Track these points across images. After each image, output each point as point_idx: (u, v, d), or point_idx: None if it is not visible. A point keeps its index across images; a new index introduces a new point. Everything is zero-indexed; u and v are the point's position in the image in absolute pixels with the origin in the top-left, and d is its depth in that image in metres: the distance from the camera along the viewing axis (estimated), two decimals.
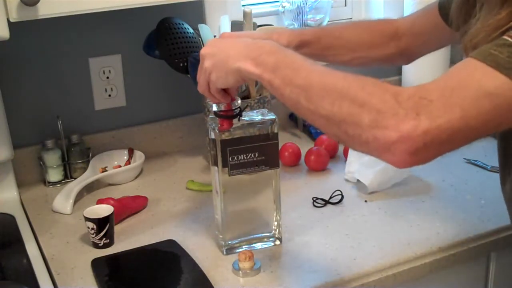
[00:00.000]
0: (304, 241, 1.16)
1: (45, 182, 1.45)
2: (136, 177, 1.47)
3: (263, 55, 0.88)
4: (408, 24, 1.19)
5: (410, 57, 1.23)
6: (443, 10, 1.11)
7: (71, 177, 1.46)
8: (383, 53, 1.19)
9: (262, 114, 1.08)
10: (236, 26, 1.38)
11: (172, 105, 1.60)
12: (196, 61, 1.33)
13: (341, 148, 1.52)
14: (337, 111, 0.78)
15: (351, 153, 1.40)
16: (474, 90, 0.74)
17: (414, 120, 0.72)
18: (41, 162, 1.43)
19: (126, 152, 1.51)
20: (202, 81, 0.98)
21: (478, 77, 0.74)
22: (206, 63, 0.95)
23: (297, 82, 0.83)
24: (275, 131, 1.07)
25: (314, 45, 1.13)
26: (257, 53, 0.89)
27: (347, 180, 1.39)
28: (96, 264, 1.11)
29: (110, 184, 1.43)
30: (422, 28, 1.17)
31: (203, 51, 0.97)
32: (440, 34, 1.13)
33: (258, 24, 1.41)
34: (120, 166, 1.47)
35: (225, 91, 0.99)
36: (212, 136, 1.07)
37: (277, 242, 1.14)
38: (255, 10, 1.44)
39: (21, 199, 1.38)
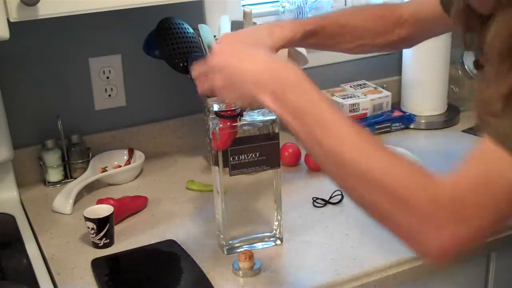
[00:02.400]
0: (304, 241, 1.16)
1: (45, 182, 1.45)
2: (136, 177, 1.47)
3: (285, 92, 0.81)
4: (411, 11, 1.17)
5: (412, 42, 1.22)
6: (444, 4, 1.09)
7: (71, 177, 1.46)
8: (387, 40, 1.17)
9: (263, 114, 1.08)
10: (236, 26, 1.38)
11: (172, 105, 1.60)
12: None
13: None
14: (370, 201, 0.76)
15: None
16: (502, 185, 0.71)
17: (451, 230, 0.72)
18: (41, 162, 1.43)
19: (126, 152, 1.50)
20: (207, 88, 0.91)
21: (503, 169, 0.71)
22: (217, 80, 0.87)
23: (325, 144, 0.77)
24: (276, 131, 1.07)
25: (319, 34, 1.11)
26: (278, 87, 0.81)
27: None
28: (96, 264, 1.11)
29: (110, 184, 1.43)
30: (425, 15, 1.15)
31: (212, 61, 0.88)
32: (442, 22, 1.11)
33: (258, 24, 1.41)
34: (120, 166, 1.47)
35: None
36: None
37: (278, 242, 1.14)
38: (255, 10, 1.44)
39: (21, 199, 1.38)
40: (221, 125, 1.04)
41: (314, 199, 1.30)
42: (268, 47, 1.02)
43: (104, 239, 1.15)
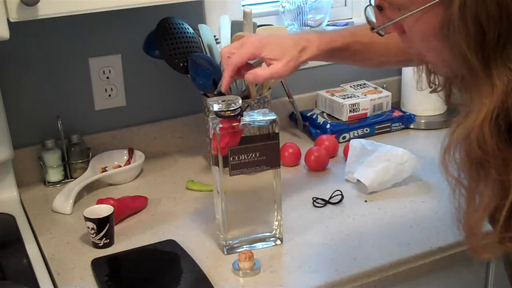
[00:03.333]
0: (304, 241, 1.16)
1: (45, 182, 1.45)
2: (136, 177, 1.47)
3: None
4: None
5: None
6: None
7: (71, 177, 1.46)
8: (407, 56, 1.15)
9: (263, 114, 1.08)
10: (236, 26, 1.38)
11: (172, 105, 1.60)
12: (196, 63, 1.33)
13: (341, 148, 1.52)
14: None
15: (351, 153, 1.40)
16: None
17: None
18: (41, 162, 1.43)
19: (126, 152, 1.50)
20: None
21: None
22: None
23: None
24: (276, 131, 1.07)
25: (344, 52, 1.10)
26: None
27: (347, 180, 1.39)
28: (96, 264, 1.11)
29: (110, 184, 1.43)
30: None
31: None
32: None
33: (258, 24, 1.41)
34: (120, 166, 1.47)
35: None
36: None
37: (278, 242, 1.14)
38: (255, 10, 1.44)
39: (21, 199, 1.38)
40: (221, 125, 1.04)
41: (314, 199, 1.30)
42: (294, 59, 1.03)
43: (104, 239, 1.15)
